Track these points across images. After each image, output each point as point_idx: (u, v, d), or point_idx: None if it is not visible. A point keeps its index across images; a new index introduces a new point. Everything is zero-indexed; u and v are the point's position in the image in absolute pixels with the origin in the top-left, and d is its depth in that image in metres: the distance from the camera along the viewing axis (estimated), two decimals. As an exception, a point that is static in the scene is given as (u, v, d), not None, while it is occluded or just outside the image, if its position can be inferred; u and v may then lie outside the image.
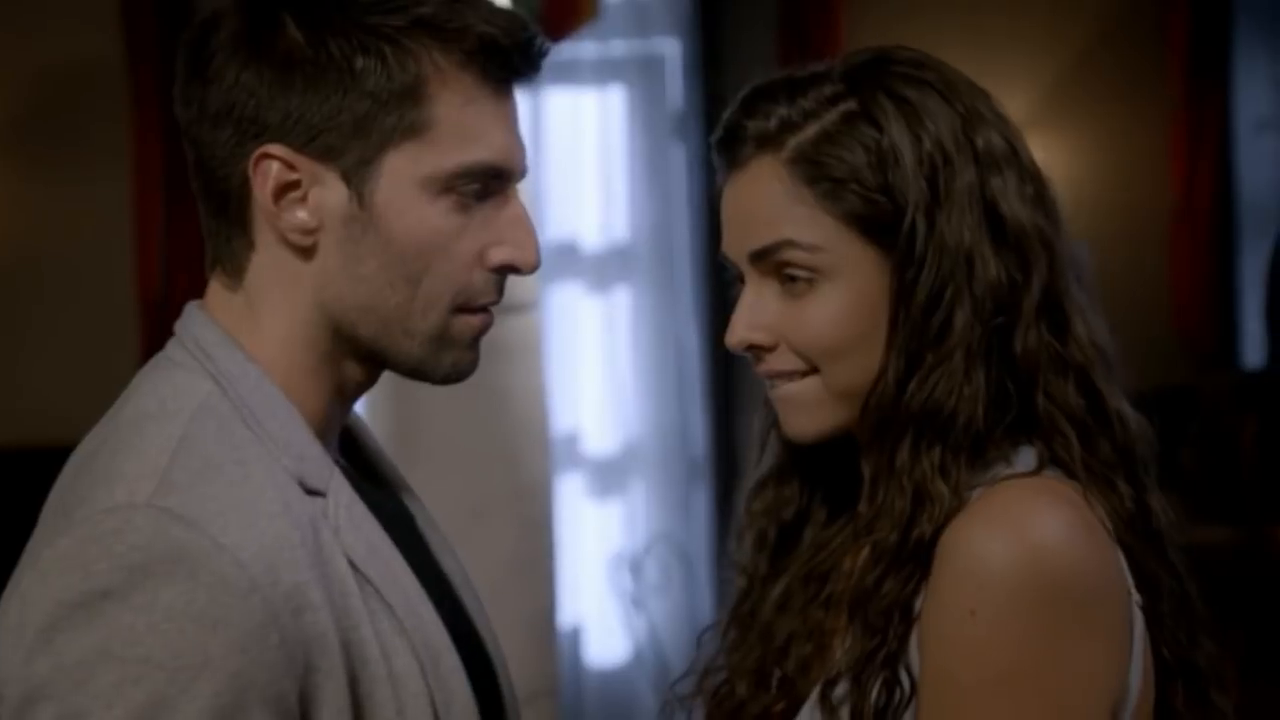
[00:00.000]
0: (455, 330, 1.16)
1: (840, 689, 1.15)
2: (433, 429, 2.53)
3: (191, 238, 4.24)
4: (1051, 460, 1.16)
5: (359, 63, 1.10)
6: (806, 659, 1.24)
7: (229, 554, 1.03)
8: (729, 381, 4.61)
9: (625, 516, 4.71)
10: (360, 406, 1.31)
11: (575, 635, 4.61)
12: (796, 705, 1.22)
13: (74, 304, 4.35)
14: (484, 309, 1.17)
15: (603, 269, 4.68)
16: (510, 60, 1.15)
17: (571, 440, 4.64)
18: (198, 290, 1.20)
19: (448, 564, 1.27)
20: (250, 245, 1.14)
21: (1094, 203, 4.99)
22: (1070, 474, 1.16)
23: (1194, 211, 4.88)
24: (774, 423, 1.29)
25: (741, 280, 1.23)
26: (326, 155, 1.11)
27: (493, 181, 1.15)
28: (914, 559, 1.14)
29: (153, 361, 1.17)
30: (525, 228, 1.16)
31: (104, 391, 1.22)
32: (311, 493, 1.11)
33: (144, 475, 1.05)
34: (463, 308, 1.16)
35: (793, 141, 1.19)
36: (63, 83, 4.33)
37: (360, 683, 1.08)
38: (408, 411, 2.42)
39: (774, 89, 1.21)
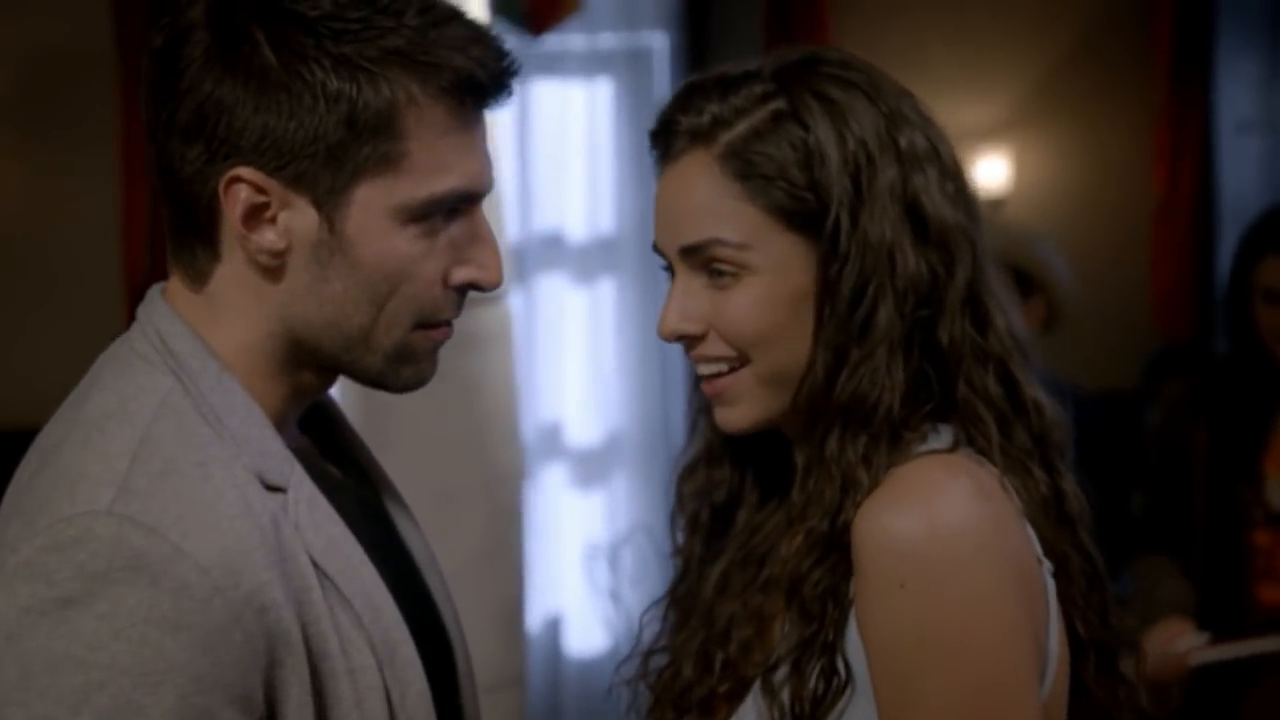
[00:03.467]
0: (415, 345, 1.17)
1: (780, 674, 1.18)
2: (404, 418, 2.54)
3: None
4: (968, 443, 1.20)
5: (333, 88, 1.10)
6: (748, 641, 1.28)
7: (190, 559, 1.03)
8: (711, 374, 4.62)
9: (606, 508, 4.72)
10: (332, 393, 1.32)
11: (554, 626, 4.62)
12: (741, 687, 1.25)
13: (61, 288, 4.36)
14: (446, 322, 1.18)
15: (588, 261, 4.69)
16: (485, 91, 1.15)
17: (553, 431, 4.66)
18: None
19: (415, 548, 1.28)
20: (215, 257, 1.14)
21: (1077, 202, 5.02)
22: (988, 459, 1.20)
23: (1176, 211, 4.90)
24: (703, 406, 1.32)
25: (672, 272, 1.26)
26: (298, 181, 1.11)
27: (461, 204, 1.16)
28: (840, 545, 1.18)
29: (114, 349, 1.17)
30: (490, 247, 1.17)
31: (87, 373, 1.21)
32: (272, 489, 1.12)
33: (104, 480, 1.05)
34: (424, 324, 1.17)
35: (724, 138, 1.22)
36: (52, 68, 4.34)
37: (321, 676, 1.10)
38: (379, 400, 2.42)
39: (708, 86, 1.24)
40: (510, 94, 1.16)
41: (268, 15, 1.10)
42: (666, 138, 1.25)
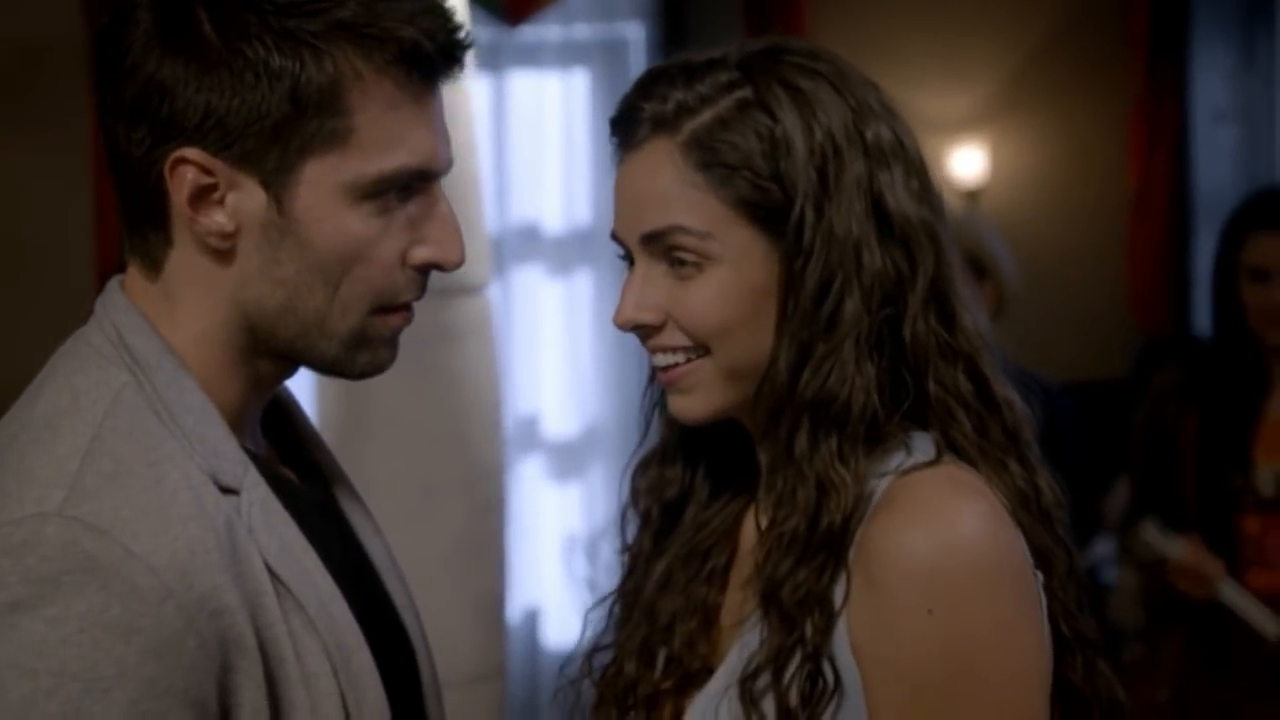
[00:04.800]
0: (373, 330, 1.14)
1: (761, 682, 1.16)
2: (383, 410, 2.52)
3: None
4: (948, 446, 1.19)
5: (276, 64, 1.07)
6: (691, 635, 1.26)
7: (141, 562, 1.01)
8: (689, 366, 4.62)
9: (584, 500, 4.72)
10: (310, 386, 1.30)
11: (532, 618, 4.61)
12: (685, 682, 1.24)
13: (33, 279, 4.33)
14: (405, 306, 1.15)
15: (564, 252, 4.68)
16: (434, 63, 1.12)
17: (531, 423, 4.65)
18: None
19: (374, 552, 1.26)
20: (168, 242, 1.12)
21: (1052, 193, 5.03)
22: (966, 458, 1.19)
23: (1151, 202, 4.92)
24: (658, 403, 1.30)
25: (630, 260, 1.24)
26: (244, 160, 1.08)
27: (416, 182, 1.13)
28: (825, 548, 1.16)
29: (71, 342, 1.15)
30: (449, 226, 1.14)
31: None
32: (226, 490, 1.09)
33: (54, 481, 1.03)
34: (383, 308, 1.14)
35: (688, 126, 1.19)
36: (23, 56, 4.31)
37: (276, 683, 1.07)
38: (358, 392, 2.40)
39: (672, 73, 1.22)
40: (461, 66, 1.13)
41: None
42: (628, 125, 1.22)
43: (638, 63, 4.74)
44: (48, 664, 0.99)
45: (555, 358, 4.68)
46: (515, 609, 4.47)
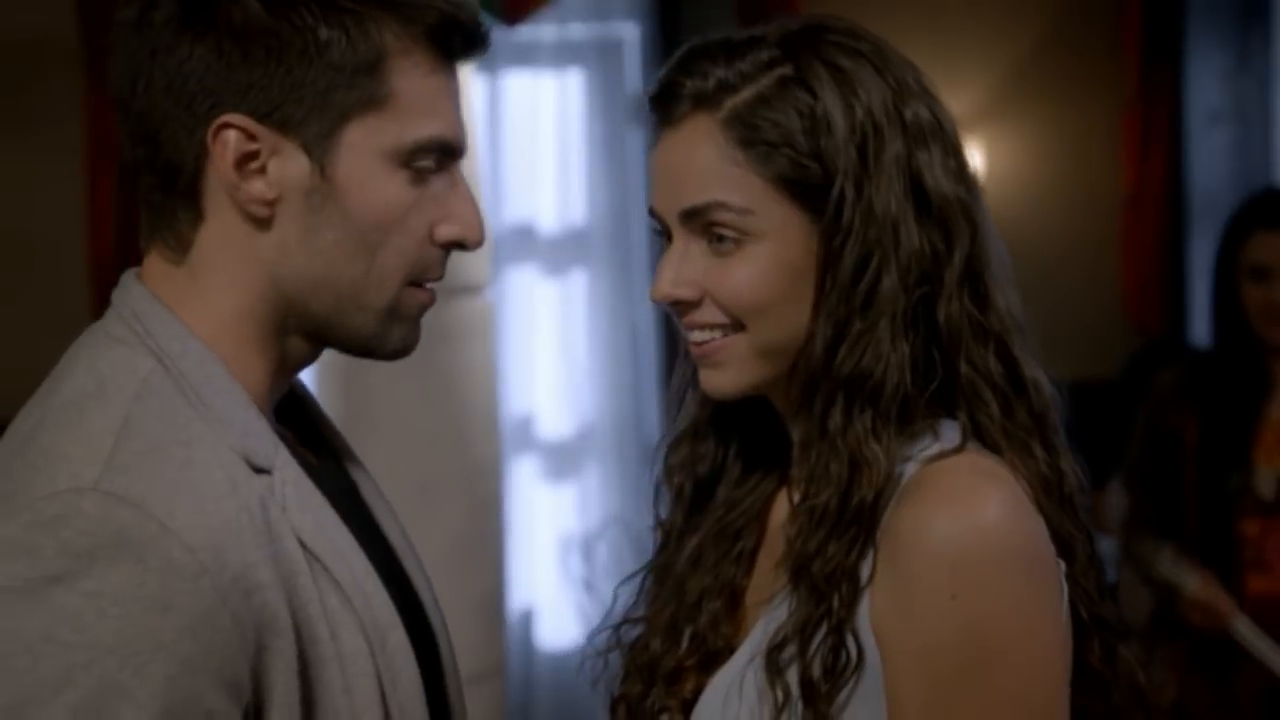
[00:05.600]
0: (405, 304, 1.16)
1: (788, 652, 1.17)
2: (383, 409, 2.53)
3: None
4: (974, 432, 1.20)
5: (323, 34, 1.10)
6: (716, 615, 1.27)
7: (177, 537, 1.01)
8: (683, 366, 4.62)
9: (579, 500, 4.71)
10: (309, 384, 1.30)
11: (527, 618, 4.61)
12: (708, 660, 1.25)
13: (25, 276, 4.32)
14: (430, 285, 1.18)
15: (559, 253, 4.67)
16: (467, 38, 1.16)
17: (526, 423, 4.64)
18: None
19: (393, 536, 1.27)
20: (199, 217, 1.13)
21: (1047, 192, 5.03)
22: (991, 441, 1.20)
23: (1146, 202, 4.92)
24: (691, 380, 1.31)
25: (668, 236, 1.24)
26: (286, 126, 1.11)
27: (444, 157, 1.16)
28: (856, 523, 1.17)
29: (88, 334, 1.15)
30: (472, 205, 1.17)
31: (55, 362, 1.20)
32: (258, 470, 1.10)
33: (89, 458, 1.03)
34: (413, 282, 1.16)
35: (729, 102, 1.20)
36: (15, 55, 4.29)
37: (309, 662, 1.08)
38: (358, 391, 2.41)
39: (712, 50, 1.23)
40: (484, 49, 1.18)
41: None
42: (668, 101, 1.23)
43: (633, 63, 4.74)
44: (83, 637, 0.99)
45: (549, 358, 4.68)
46: (510, 609, 4.46)
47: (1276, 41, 4.95)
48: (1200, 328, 4.81)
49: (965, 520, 1.13)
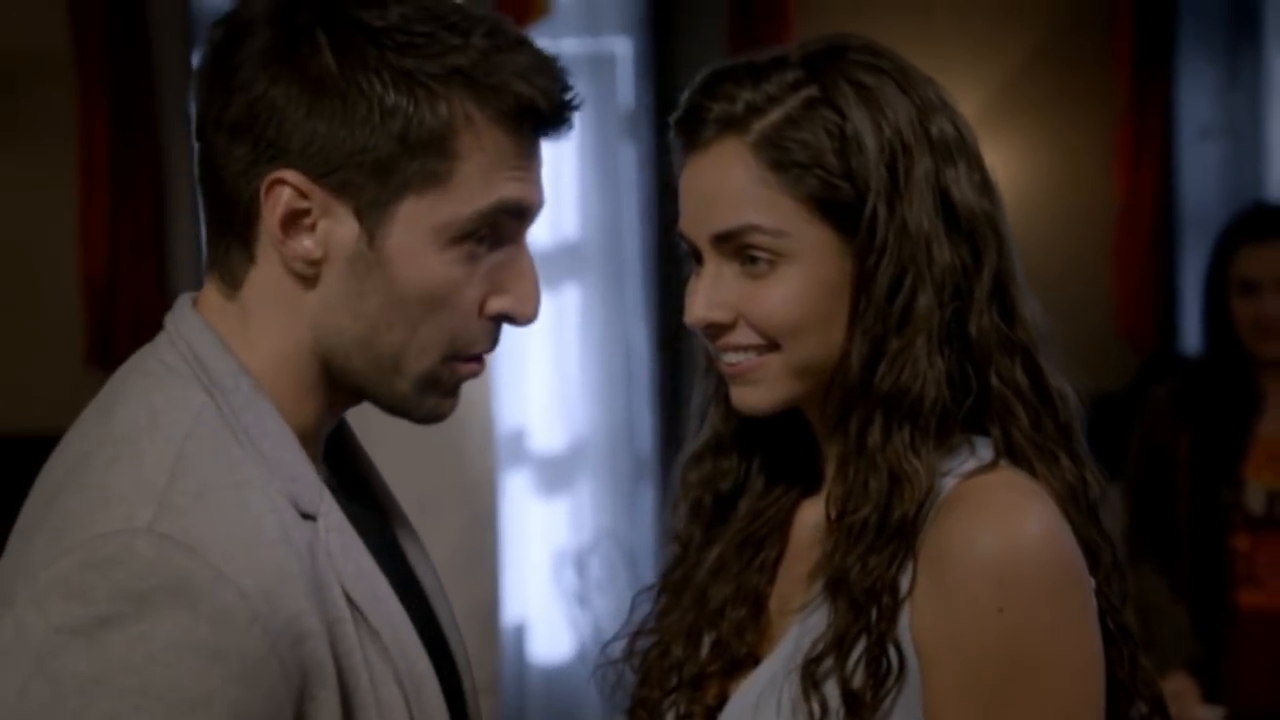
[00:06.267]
0: (445, 377, 1.15)
1: (825, 665, 1.17)
2: (380, 424, 2.52)
3: (137, 224, 4.22)
4: (1005, 445, 1.20)
5: (390, 101, 1.07)
6: (740, 622, 1.28)
7: (231, 583, 1.00)
8: (676, 380, 4.62)
9: (572, 514, 4.71)
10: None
11: (520, 632, 4.60)
12: (731, 666, 1.25)
13: (18, 291, 4.31)
14: (477, 357, 1.16)
15: (552, 267, 4.67)
16: (545, 121, 1.12)
17: (518, 437, 4.64)
18: (141, 278, 1.17)
19: (425, 578, 1.26)
20: (250, 260, 1.11)
21: (1038, 205, 5.04)
22: (1021, 453, 1.20)
23: (1138, 216, 4.93)
24: (714, 396, 1.31)
25: (698, 259, 1.24)
26: (342, 189, 1.08)
27: (510, 222, 1.12)
28: (897, 537, 1.17)
29: (140, 359, 1.13)
30: (530, 280, 1.15)
31: (47, 379, 1.18)
32: (305, 515, 1.08)
33: (142, 498, 1.01)
34: (456, 356, 1.14)
35: (758, 125, 1.21)
36: (8, 69, 4.29)
37: (351, 711, 1.07)
38: (355, 409, 2.40)
39: (736, 73, 1.23)
40: (570, 127, 1.13)
41: (332, 19, 1.08)
42: (693, 125, 1.23)
43: (625, 77, 4.75)
44: (133, 682, 0.97)
45: (542, 372, 4.68)
46: (503, 623, 4.46)
47: (1268, 56, 4.96)
48: (1192, 340, 4.82)
49: (1010, 536, 1.14)
